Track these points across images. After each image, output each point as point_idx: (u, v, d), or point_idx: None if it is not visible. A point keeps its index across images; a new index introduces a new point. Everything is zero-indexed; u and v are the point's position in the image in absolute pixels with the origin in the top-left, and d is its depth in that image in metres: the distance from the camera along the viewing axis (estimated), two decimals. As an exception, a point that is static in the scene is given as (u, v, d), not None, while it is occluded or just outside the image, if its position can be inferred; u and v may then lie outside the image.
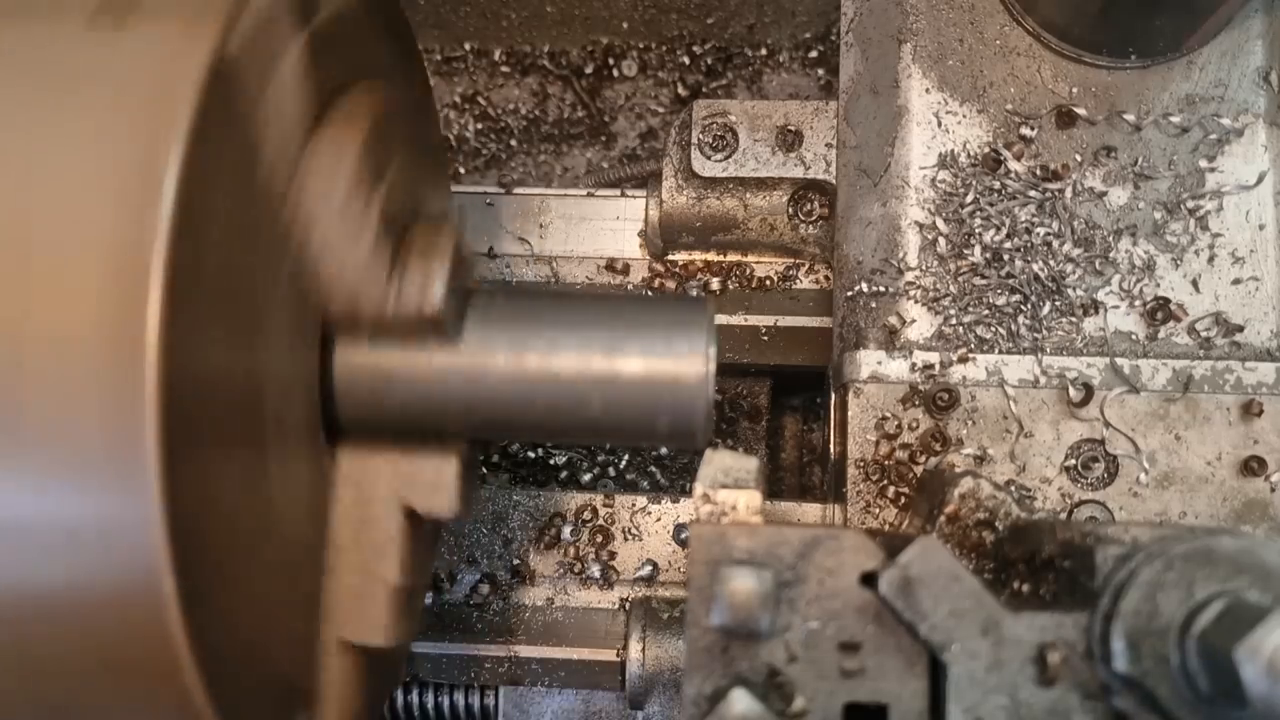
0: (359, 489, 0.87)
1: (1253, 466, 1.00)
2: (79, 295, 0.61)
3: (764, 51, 1.50)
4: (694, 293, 1.28)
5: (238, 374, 0.71)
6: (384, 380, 0.85)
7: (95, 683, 0.68)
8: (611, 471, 1.35)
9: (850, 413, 1.03)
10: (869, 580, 0.72)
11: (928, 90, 1.07)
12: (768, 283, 1.28)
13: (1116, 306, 1.03)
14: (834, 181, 1.16)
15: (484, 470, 1.34)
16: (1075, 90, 1.05)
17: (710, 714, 0.68)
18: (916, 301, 1.04)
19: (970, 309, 1.03)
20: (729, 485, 0.76)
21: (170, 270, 0.61)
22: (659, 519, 1.22)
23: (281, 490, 0.78)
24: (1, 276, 0.62)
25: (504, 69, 1.54)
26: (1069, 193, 1.03)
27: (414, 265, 0.84)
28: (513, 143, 1.53)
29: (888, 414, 1.02)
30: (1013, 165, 1.04)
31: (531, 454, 1.34)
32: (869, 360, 1.04)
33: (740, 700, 0.68)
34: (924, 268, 1.04)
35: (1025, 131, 1.05)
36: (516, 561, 1.20)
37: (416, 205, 0.94)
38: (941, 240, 1.04)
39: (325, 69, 0.81)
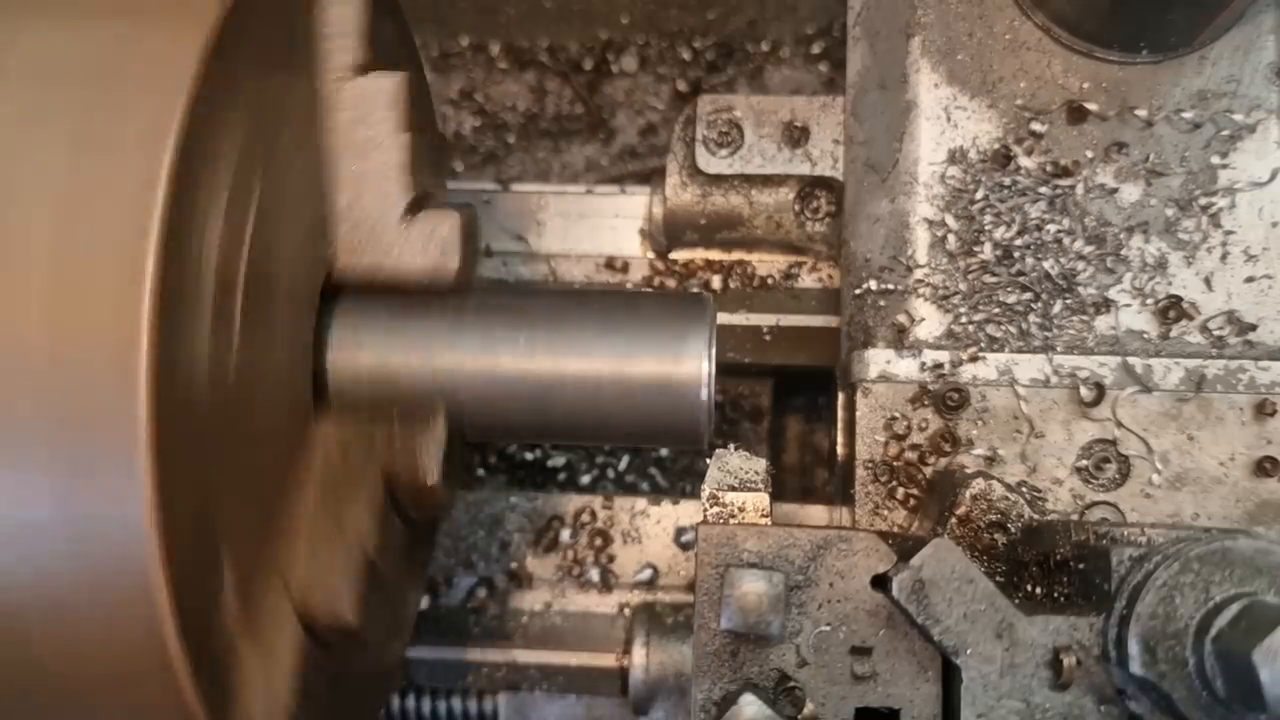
0: (343, 455, 0.86)
1: (1266, 467, 0.98)
2: (76, 300, 0.62)
3: (765, 46, 1.49)
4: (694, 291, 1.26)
5: (231, 369, 0.71)
6: (380, 375, 0.85)
7: (88, 680, 0.68)
8: (610, 473, 1.34)
9: (859, 413, 1.02)
10: (880, 583, 0.72)
11: (937, 85, 1.05)
12: (769, 281, 1.26)
13: (1128, 305, 1.01)
14: (841, 178, 1.14)
15: (481, 472, 1.33)
16: (1086, 85, 1.04)
17: (719, 720, 0.67)
18: (926, 299, 1.02)
19: (980, 307, 1.01)
20: (737, 487, 0.75)
21: (161, 276, 0.62)
22: (659, 521, 1.21)
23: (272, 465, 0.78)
24: (1, 281, 0.63)
25: (501, 64, 1.53)
26: (1080, 189, 1.02)
27: (429, 219, 0.85)
28: (510, 139, 1.52)
29: (897, 414, 1.01)
30: (1023, 161, 1.03)
31: (529, 456, 1.33)
32: (878, 359, 1.02)
33: (750, 705, 0.67)
34: (933, 265, 1.03)
35: (1036, 127, 1.03)
36: (514, 565, 1.19)
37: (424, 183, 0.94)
38: (951, 237, 1.02)
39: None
